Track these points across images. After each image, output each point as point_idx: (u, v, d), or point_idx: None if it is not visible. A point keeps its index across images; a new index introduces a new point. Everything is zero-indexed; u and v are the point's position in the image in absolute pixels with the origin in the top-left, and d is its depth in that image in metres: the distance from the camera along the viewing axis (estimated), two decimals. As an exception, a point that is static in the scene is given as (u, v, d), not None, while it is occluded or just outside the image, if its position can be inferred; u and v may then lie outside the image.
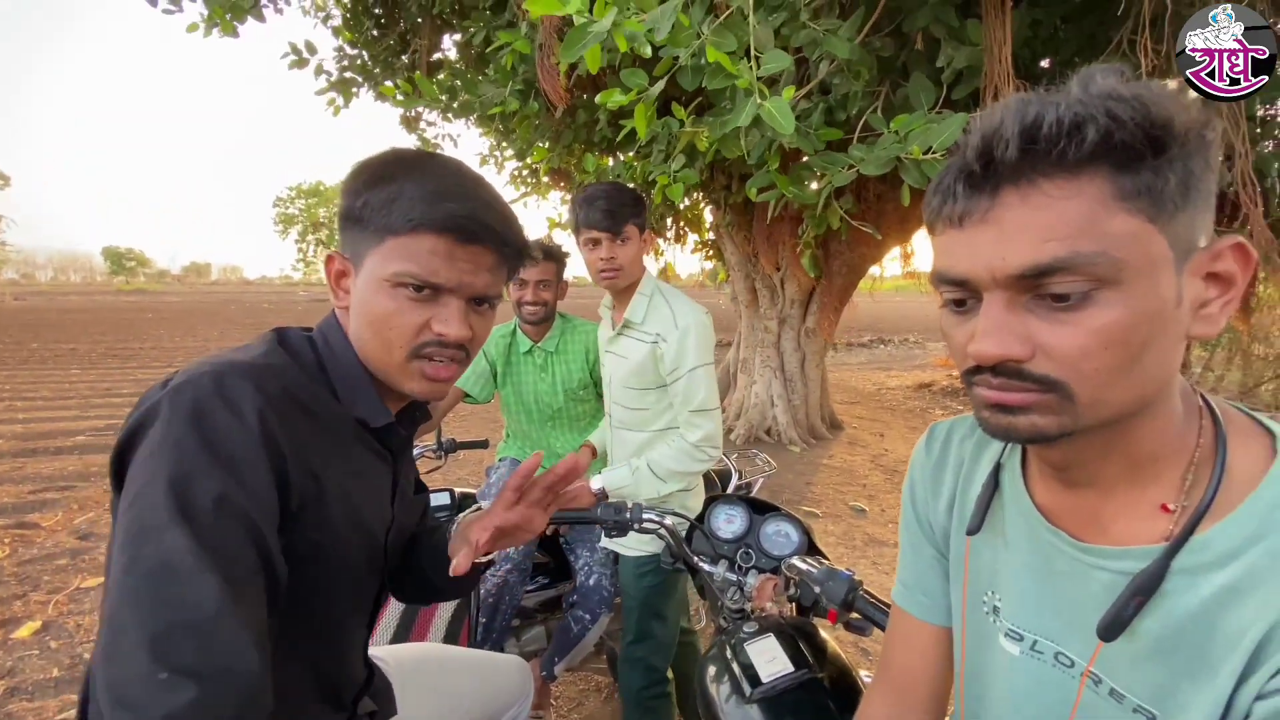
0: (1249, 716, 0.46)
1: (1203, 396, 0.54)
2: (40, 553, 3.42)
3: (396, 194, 0.69)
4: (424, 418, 0.90)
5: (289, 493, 0.64)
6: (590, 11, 1.60)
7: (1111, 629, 0.50)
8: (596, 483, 1.54)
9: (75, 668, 2.43)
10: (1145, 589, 0.49)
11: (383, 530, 0.84)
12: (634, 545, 1.58)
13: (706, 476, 1.94)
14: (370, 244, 0.71)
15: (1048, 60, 3.09)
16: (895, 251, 5.52)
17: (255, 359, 0.67)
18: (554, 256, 1.99)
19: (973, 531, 0.65)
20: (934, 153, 1.96)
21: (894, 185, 2.75)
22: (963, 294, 0.50)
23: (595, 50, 1.65)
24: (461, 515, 0.94)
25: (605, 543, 1.72)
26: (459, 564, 0.77)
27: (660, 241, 7.23)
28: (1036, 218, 0.44)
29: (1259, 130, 2.68)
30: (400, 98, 3.72)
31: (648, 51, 1.69)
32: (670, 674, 1.67)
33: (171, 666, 0.52)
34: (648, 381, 1.55)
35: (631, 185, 2.20)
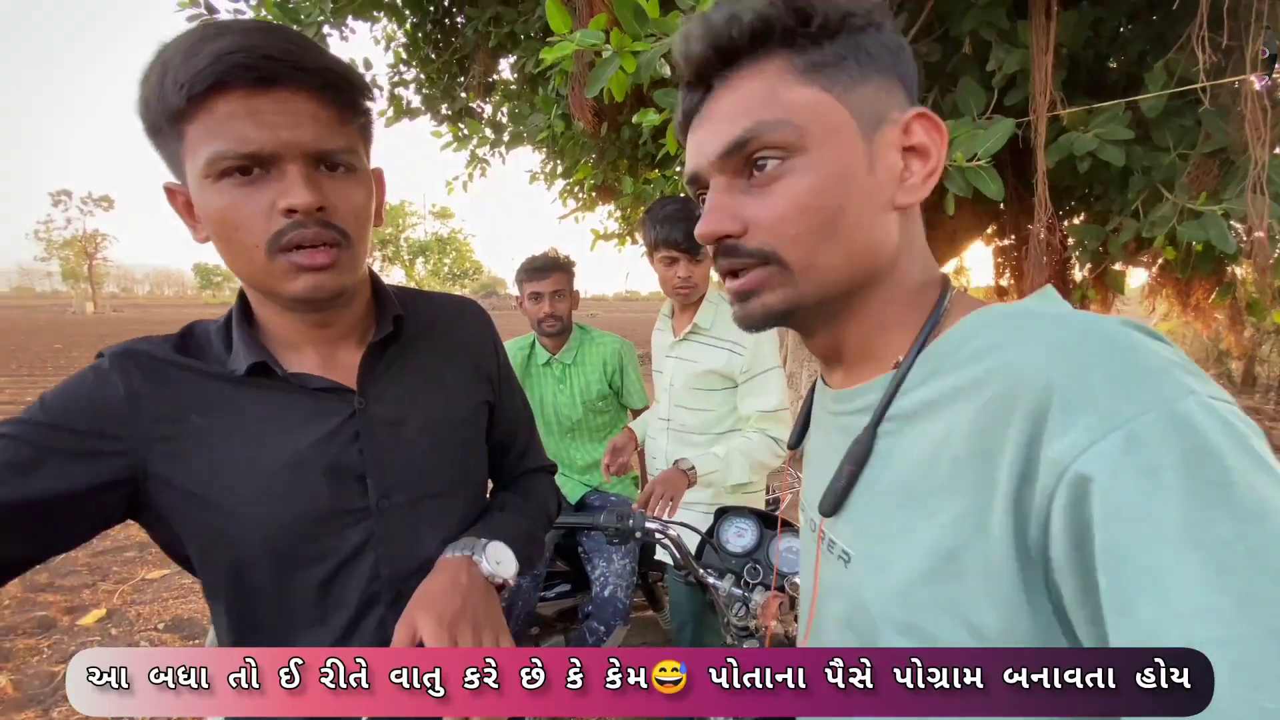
0: (1054, 500, 0.36)
1: (946, 280, 0.54)
2: (112, 545, 3.66)
3: (162, 69, 0.57)
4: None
5: (134, 441, 0.65)
6: (607, 41, 1.61)
7: (832, 504, 0.51)
8: (687, 466, 1.54)
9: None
10: (856, 458, 0.49)
11: (322, 473, 0.70)
12: None
13: None
14: (175, 146, 0.60)
15: (1115, 62, 2.93)
16: (951, 265, 5.26)
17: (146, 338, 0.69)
18: (564, 267, 2.03)
19: (793, 445, 0.67)
20: (978, 159, 1.87)
21: (938, 194, 2.65)
22: (700, 190, 0.53)
23: (619, 77, 1.67)
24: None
25: (660, 554, 1.71)
26: None
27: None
28: (730, 102, 0.49)
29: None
30: (450, 140, 4.01)
31: (666, 72, 1.70)
32: None
33: None
34: (716, 383, 1.61)
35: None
